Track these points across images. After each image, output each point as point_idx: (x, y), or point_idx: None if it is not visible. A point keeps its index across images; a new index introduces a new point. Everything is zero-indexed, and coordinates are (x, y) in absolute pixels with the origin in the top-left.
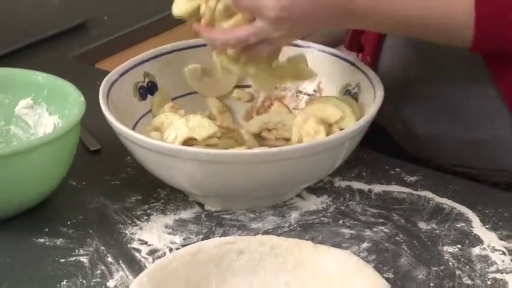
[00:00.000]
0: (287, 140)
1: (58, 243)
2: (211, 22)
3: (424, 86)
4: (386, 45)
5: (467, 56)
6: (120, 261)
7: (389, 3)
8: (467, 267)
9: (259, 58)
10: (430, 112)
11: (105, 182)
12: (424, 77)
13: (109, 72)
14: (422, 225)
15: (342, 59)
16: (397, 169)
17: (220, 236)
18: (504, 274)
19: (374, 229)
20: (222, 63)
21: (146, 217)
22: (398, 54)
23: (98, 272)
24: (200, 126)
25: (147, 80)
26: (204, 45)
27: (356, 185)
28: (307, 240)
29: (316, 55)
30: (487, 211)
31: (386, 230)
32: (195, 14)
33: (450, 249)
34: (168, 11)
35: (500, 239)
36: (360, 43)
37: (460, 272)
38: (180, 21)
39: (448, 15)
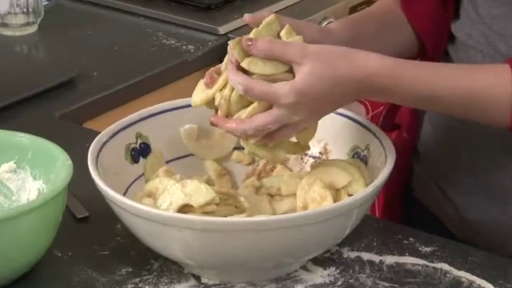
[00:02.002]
0: (293, 196)
1: None
2: (228, 112)
3: (479, 169)
4: (426, 120)
5: None
6: None
7: (413, 79)
8: None
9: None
10: (485, 197)
11: (93, 253)
12: (475, 157)
13: (99, 132)
14: None
15: (351, 119)
16: (411, 238)
17: None
18: None
19: None
20: (249, 149)
21: None
22: (443, 131)
23: None
24: (197, 192)
25: (139, 141)
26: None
27: (366, 255)
28: None
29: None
30: (510, 285)
31: None
32: (211, 103)
33: None
34: (162, 66)
35: None
36: (394, 120)
37: None
38: (174, 78)
39: (484, 94)
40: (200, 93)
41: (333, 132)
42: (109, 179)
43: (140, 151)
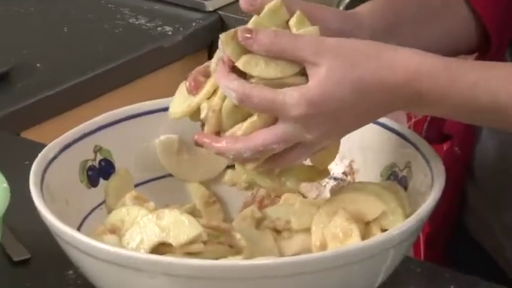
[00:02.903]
0: (306, 231)
1: None
2: (218, 127)
3: None
4: (486, 132)
5: None
6: None
7: (469, 84)
8: None
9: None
10: None
11: None
12: None
13: (43, 145)
14: None
15: (385, 127)
16: None
17: None
18: None
19: None
20: (247, 176)
21: None
22: (508, 147)
23: None
24: (177, 225)
25: (99, 157)
26: None
27: None
28: None
29: None
30: None
31: None
32: (196, 115)
33: None
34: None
35: None
36: (442, 129)
37: None
38: (146, 71)
39: None
40: (181, 102)
41: (360, 146)
42: (58, 209)
43: (100, 171)
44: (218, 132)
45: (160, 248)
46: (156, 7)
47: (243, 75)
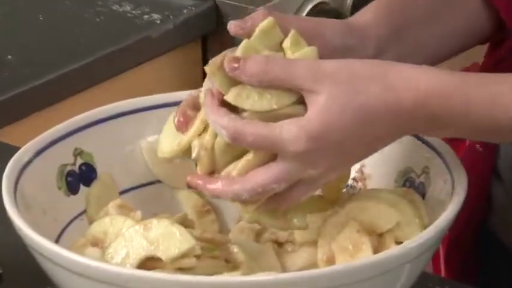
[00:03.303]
0: (312, 244)
1: None
2: (211, 167)
3: None
4: None
5: None
6: None
7: (485, 100)
8: None
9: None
10: None
11: None
12: None
13: (17, 148)
14: None
15: None
16: None
17: None
18: None
19: None
20: (250, 217)
21: None
22: None
23: None
24: (167, 238)
25: (79, 161)
26: (174, 103)
27: None
28: None
29: None
30: None
31: None
32: (188, 152)
33: None
34: (113, 46)
35: None
36: None
37: None
38: (131, 64)
39: None
40: (171, 139)
41: None
42: (34, 219)
43: (80, 176)
44: (213, 171)
45: (148, 262)
46: None
47: (234, 108)
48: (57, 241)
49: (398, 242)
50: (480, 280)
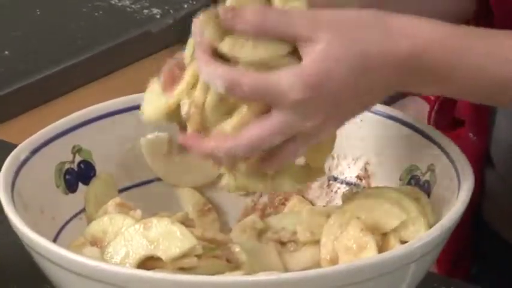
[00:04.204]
0: (315, 243)
1: None
2: (202, 125)
3: None
4: (501, 113)
5: None
6: None
7: (486, 52)
8: None
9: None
10: None
11: None
12: None
13: (13, 145)
14: None
15: (403, 123)
16: None
17: None
18: None
19: None
20: (238, 182)
21: None
22: None
23: None
24: (168, 237)
25: (78, 159)
26: None
27: None
28: None
29: (362, 117)
30: None
31: None
32: (175, 115)
33: None
34: (112, 41)
35: None
36: (453, 114)
37: None
38: (131, 59)
39: None
40: (155, 101)
41: (376, 145)
42: (32, 218)
43: (79, 174)
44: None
45: (149, 262)
46: None
47: (226, 62)
48: (55, 240)
49: (403, 241)
50: (473, 270)
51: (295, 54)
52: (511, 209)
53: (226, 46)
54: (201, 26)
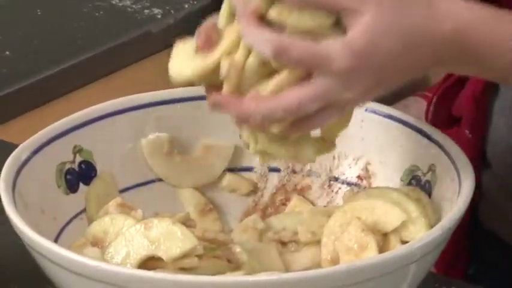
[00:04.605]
0: (316, 243)
1: None
2: (238, 87)
3: None
4: (498, 111)
5: None
6: None
7: None
8: None
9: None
10: None
11: None
12: None
13: (14, 145)
14: None
15: (405, 124)
16: None
17: None
18: None
19: None
20: (259, 146)
21: None
22: None
23: None
24: (169, 237)
25: (78, 159)
26: (175, 100)
27: None
28: None
29: (363, 117)
30: None
31: None
32: (210, 77)
33: None
34: (112, 42)
35: None
36: (450, 112)
37: None
38: (131, 60)
39: None
40: (186, 61)
41: (377, 145)
42: (33, 218)
43: (80, 174)
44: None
45: (150, 262)
46: None
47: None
48: (56, 240)
49: (404, 242)
50: (471, 271)
51: (339, 26)
52: (507, 209)
53: (275, 12)
54: None
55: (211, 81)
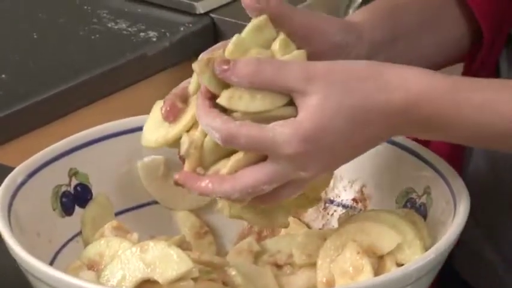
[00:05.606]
0: (311, 266)
1: None
2: (198, 162)
3: None
4: (479, 154)
5: None
6: None
7: (481, 104)
8: None
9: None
10: None
11: None
12: None
13: (10, 168)
14: None
15: (401, 146)
16: None
17: None
18: None
19: None
20: (232, 212)
21: None
22: (501, 164)
23: None
24: (164, 260)
25: (74, 182)
26: None
27: None
28: None
29: None
30: None
31: None
32: (174, 146)
33: None
34: (108, 65)
35: None
36: (427, 146)
37: None
38: (127, 83)
39: None
40: (157, 128)
41: (373, 168)
42: (28, 241)
43: (75, 197)
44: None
45: (145, 285)
46: (138, 10)
47: (223, 110)
48: (51, 263)
49: (399, 264)
50: None
51: (292, 103)
52: (487, 256)
53: (224, 99)
54: (198, 74)
55: (178, 151)
